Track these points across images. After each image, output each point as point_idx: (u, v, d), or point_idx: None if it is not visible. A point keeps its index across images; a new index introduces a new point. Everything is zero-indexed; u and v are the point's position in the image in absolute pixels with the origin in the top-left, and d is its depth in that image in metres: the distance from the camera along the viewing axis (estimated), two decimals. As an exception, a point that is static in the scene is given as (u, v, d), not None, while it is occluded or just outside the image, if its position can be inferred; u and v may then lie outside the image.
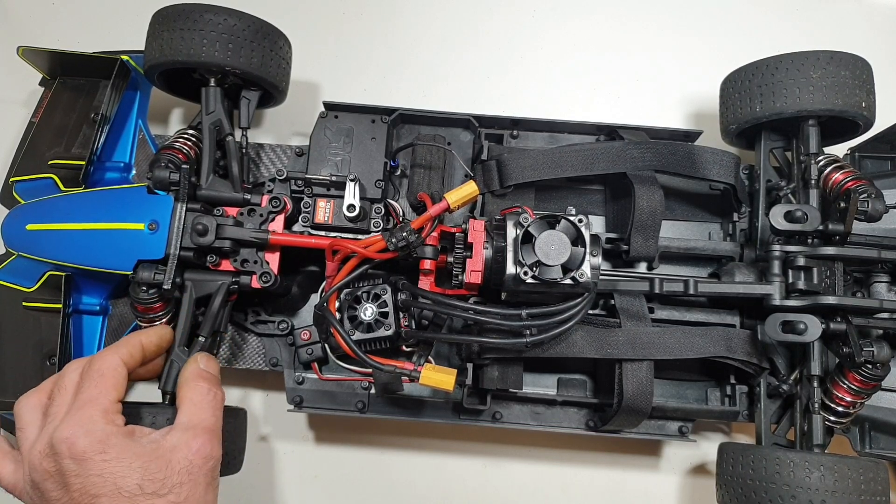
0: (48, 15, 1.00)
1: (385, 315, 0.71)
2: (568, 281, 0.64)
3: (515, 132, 0.83)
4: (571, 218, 0.65)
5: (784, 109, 0.75)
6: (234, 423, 0.72)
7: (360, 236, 0.75)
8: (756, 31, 1.00)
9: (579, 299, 0.67)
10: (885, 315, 0.71)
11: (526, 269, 0.64)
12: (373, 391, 0.78)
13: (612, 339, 0.71)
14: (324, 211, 0.76)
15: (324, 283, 0.75)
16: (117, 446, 0.56)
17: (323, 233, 0.76)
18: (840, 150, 0.85)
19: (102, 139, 0.81)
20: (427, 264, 0.72)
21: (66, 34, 0.97)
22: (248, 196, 0.75)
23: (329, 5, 1.01)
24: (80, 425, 0.56)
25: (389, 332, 0.70)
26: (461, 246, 0.71)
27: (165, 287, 0.70)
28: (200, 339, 0.71)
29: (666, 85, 0.98)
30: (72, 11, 1.00)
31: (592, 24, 1.00)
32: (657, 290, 0.74)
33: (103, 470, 0.55)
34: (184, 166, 0.73)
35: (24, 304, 0.79)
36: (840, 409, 0.73)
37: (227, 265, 0.73)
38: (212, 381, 0.65)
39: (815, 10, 1.01)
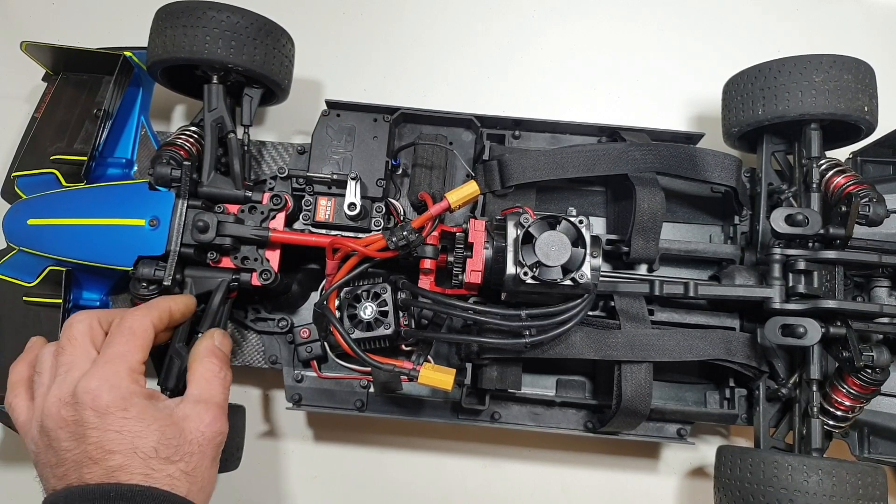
0: (49, 13, 1.01)
1: (385, 314, 0.71)
2: (568, 282, 0.64)
3: (517, 132, 0.83)
4: (572, 219, 0.65)
5: (786, 112, 0.75)
6: (232, 421, 0.71)
7: (360, 235, 0.75)
8: (757, 32, 1.00)
9: (579, 300, 0.67)
10: (886, 320, 0.71)
11: (526, 269, 0.64)
12: (371, 390, 0.78)
13: (612, 341, 0.71)
14: (325, 209, 0.76)
15: (324, 282, 0.75)
16: (138, 406, 0.56)
17: (324, 231, 0.76)
18: (842, 153, 0.85)
19: (104, 135, 0.81)
20: (427, 264, 0.72)
21: (67, 32, 0.97)
22: (249, 193, 0.75)
23: (329, 5, 1.01)
24: (107, 379, 0.56)
25: (389, 331, 0.70)
26: (461, 246, 0.71)
27: (166, 283, 0.70)
28: (200, 335, 0.71)
29: (667, 87, 0.98)
30: (73, 9, 1.00)
31: (593, 24, 1.00)
32: (657, 292, 0.74)
33: (122, 427, 0.55)
34: (185, 163, 0.73)
35: (24, 298, 0.79)
36: (839, 413, 0.73)
37: (227, 262, 0.74)
38: (223, 359, 0.65)
39: (816, 11, 1.01)
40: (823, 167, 0.77)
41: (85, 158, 0.78)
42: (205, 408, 0.60)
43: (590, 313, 0.74)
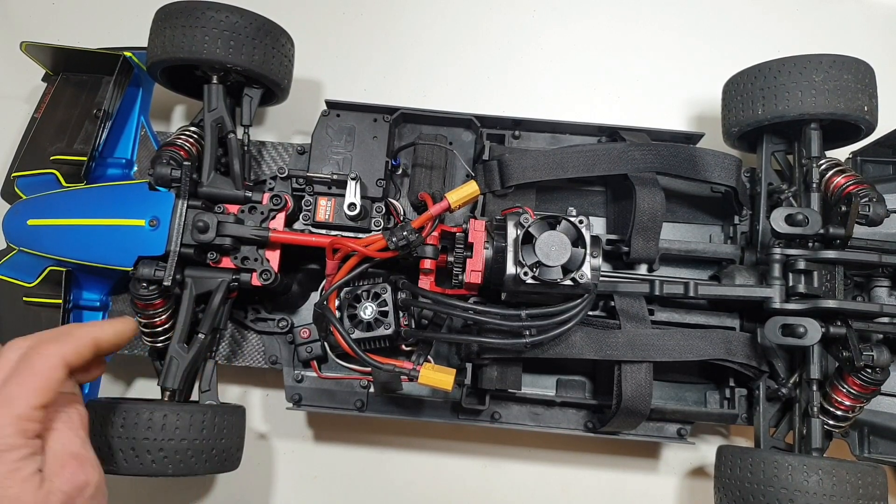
0: (49, 13, 1.00)
1: (385, 314, 0.71)
2: (568, 282, 0.64)
3: (517, 132, 0.83)
4: (572, 219, 0.65)
5: (786, 112, 0.75)
6: (232, 421, 0.72)
7: (360, 235, 0.75)
8: (757, 32, 1.00)
9: (579, 300, 0.67)
10: (886, 319, 0.71)
11: (526, 269, 0.64)
12: (372, 390, 0.78)
13: (612, 341, 0.71)
14: (325, 209, 0.76)
15: (324, 282, 0.75)
16: (6, 463, 0.50)
17: (324, 231, 0.76)
18: (842, 153, 0.85)
19: (104, 135, 0.81)
20: (427, 264, 0.72)
21: (67, 32, 0.97)
22: (249, 193, 0.75)
23: (329, 5, 1.01)
24: None
25: (389, 331, 0.70)
26: (461, 246, 0.71)
27: (166, 283, 0.70)
28: (200, 335, 0.71)
29: (667, 86, 0.98)
30: (73, 9, 1.00)
31: (593, 24, 1.00)
32: (657, 292, 0.74)
33: None
34: (185, 163, 0.73)
35: (24, 299, 0.79)
36: (839, 413, 0.73)
37: (227, 262, 0.74)
38: (66, 399, 0.56)
39: (816, 11, 1.01)
40: (823, 167, 0.77)
41: (85, 158, 0.78)
42: (60, 465, 0.52)
43: (590, 313, 0.74)
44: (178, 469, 0.66)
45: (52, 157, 0.80)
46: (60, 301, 0.76)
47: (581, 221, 0.65)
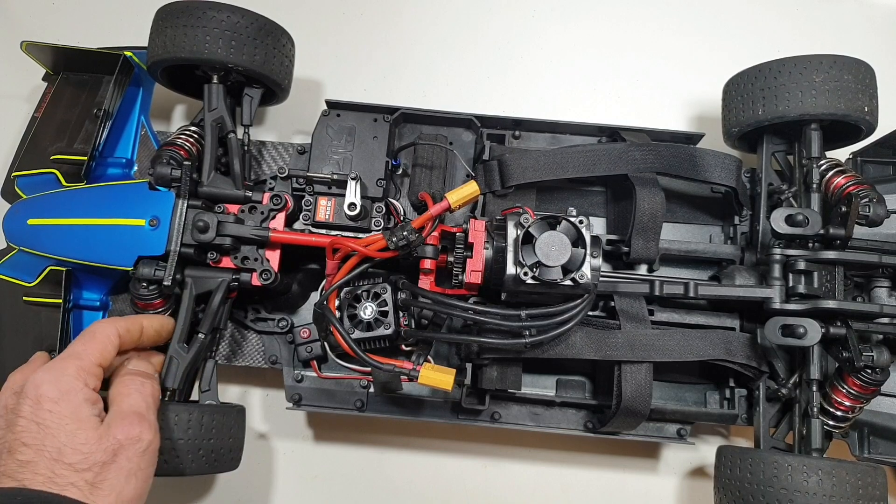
0: (49, 13, 1.00)
1: (385, 314, 0.71)
2: (568, 282, 0.64)
3: (517, 132, 0.83)
4: (572, 219, 0.65)
5: (786, 113, 0.75)
6: (232, 420, 0.72)
7: (360, 235, 0.75)
8: (757, 32, 1.00)
9: (579, 300, 0.67)
10: (886, 320, 0.71)
11: (526, 269, 0.64)
12: (371, 390, 0.78)
13: (612, 341, 0.71)
14: (325, 209, 0.76)
15: (324, 282, 0.75)
16: (71, 402, 0.57)
17: (324, 231, 0.76)
18: (842, 154, 0.85)
19: (105, 135, 0.81)
20: (427, 264, 0.72)
21: (67, 32, 0.97)
22: (249, 193, 0.75)
23: (329, 5, 1.01)
24: (52, 372, 0.58)
25: (389, 331, 0.71)
26: (462, 246, 0.71)
27: (166, 283, 0.70)
28: (200, 335, 0.71)
29: (667, 87, 0.98)
30: (73, 9, 1.00)
31: (593, 25, 1.00)
32: (657, 293, 0.74)
33: (44, 419, 0.55)
34: (185, 163, 0.73)
35: (24, 298, 0.79)
36: (839, 413, 0.73)
37: (227, 262, 0.74)
38: (142, 374, 0.65)
39: (816, 11, 1.01)
40: (823, 167, 0.77)
41: (85, 158, 0.78)
42: (121, 416, 0.59)
43: (590, 313, 0.74)
44: (189, 469, 0.66)
45: (52, 157, 0.80)
46: (60, 301, 0.76)
47: (581, 221, 0.65)
